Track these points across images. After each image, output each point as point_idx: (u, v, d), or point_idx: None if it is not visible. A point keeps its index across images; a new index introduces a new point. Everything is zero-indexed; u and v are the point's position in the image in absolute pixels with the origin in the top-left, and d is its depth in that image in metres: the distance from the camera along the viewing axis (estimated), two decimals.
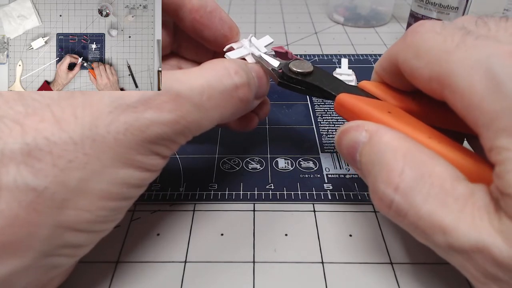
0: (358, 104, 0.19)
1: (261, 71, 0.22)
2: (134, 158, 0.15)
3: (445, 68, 0.15)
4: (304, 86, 0.22)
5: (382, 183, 0.15)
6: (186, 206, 0.24)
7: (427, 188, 0.14)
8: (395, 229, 0.22)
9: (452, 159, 0.16)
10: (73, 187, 0.14)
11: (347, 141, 0.18)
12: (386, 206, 0.15)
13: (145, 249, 0.21)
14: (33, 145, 0.13)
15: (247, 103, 0.20)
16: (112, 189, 0.15)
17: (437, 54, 0.15)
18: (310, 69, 0.22)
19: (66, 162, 0.14)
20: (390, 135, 0.16)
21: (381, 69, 0.21)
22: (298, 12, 0.55)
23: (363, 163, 0.17)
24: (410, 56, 0.17)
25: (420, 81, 0.17)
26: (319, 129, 0.30)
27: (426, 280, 0.19)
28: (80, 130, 0.14)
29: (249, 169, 0.26)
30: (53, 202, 0.14)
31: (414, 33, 0.17)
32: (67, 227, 0.14)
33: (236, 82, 0.18)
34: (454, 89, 0.14)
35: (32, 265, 0.14)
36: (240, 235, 0.22)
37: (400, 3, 0.57)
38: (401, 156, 0.15)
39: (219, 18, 0.23)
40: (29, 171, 0.13)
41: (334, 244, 0.21)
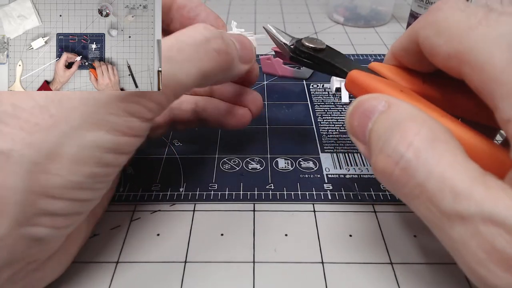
0: (370, 81, 0.19)
1: (241, 37, 0.21)
2: (105, 119, 0.15)
3: (466, 44, 0.15)
4: (316, 61, 0.22)
5: (395, 140, 0.15)
6: (186, 206, 0.24)
7: (442, 150, 0.14)
8: (395, 229, 0.22)
9: (464, 140, 0.15)
10: (41, 150, 0.14)
11: (363, 110, 0.17)
12: (393, 163, 0.15)
13: (145, 249, 0.21)
14: (1, 111, 0.14)
15: (227, 56, 0.19)
16: (83, 153, 0.15)
17: (458, 31, 0.15)
18: (323, 46, 0.22)
19: (32, 125, 0.14)
20: (409, 105, 0.16)
21: (400, 48, 0.20)
22: (298, 12, 0.55)
23: (374, 130, 0.16)
24: (431, 33, 0.17)
25: (439, 59, 0.16)
26: (319, 129, 0.30)
27: (426, 280, 0.19)
28: (45, 94, 0.14)
29: (249, 169, 0.26)
30: (22, 165, 0.14)
31: (436, 10, 0.17)
32: (40, 193, 0.14)
33: (205, 35, 0.18)
34: (473, 64, 0.14)
35: (9, 234, 0.14)
36: (240, 235, 0.22)
37: (400, 3, 0.57)
38: (419, 120, 0.15)
39: (205, 12, 0.23)
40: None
41: (334, 244, 0.21)
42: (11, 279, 0.15)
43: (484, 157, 0.15)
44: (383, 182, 0.16)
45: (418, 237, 0.21)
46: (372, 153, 0.16)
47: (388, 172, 0.15)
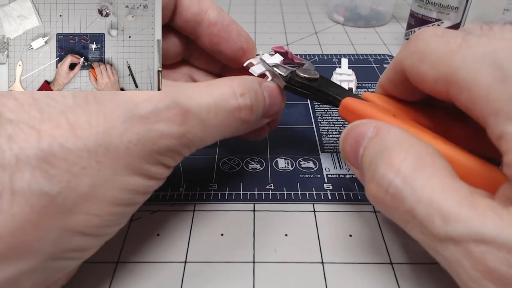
0: (363, 107, 0.20)
1: (275, 89, 0.22)
2: (142, 167, 0.16)
3: (450, 66, 0.15)
4: (310, 90, 0.23)
5: (383, 167, 0.15)
6: (186, 206, 0.24)
7: (428, 175, 0.14)
8: (395, 229, 0.22)
9: (455, 160, 0.16)
10: (85, 193, 0.14)
11: (353, 135, 0.18)
12: (383, 190, 0.15)
13: (145, 249, 0.21)
14: (48, 151, 0.13)
15: (248, 124, 0.20)
16: (120, 196, 0.15)
17: (441, 55, 0.16)
18: (316, 76, 0.23)
19: (79, 168, 0.14)
20: (397, 130, 0.16)
21: (386, 80, 0.21)
22: (298, 12, 0.55)
23: (365, 155, 0.17)
24: (415, 61, 0.17)
25: (426, 84, 0.17)
26: (319, 129, 0.30)
27: (426, 280, 0.19)
28: (94, 138, 0.14)
29: (249, 169, 0.26)
30: (64, 206, 0.14)
31: (417, 40, 0.17)
32: (76, 231, 0.15)
33: (240, 103, 0.19)
34: (460, 84, 0.15)
35: (40, 267, 0.14)
36: (240, 235, 0.22)
37: (400, 3, 0.57)
38: (406, 145, 0.15)
39: (236, 31, 0.23)
40: (43, 177, 0.13)
41: (334, 244, 0.21)
42: None
43: (475, 175, 0.15)
44: (376, 207, 0.16)
45: None
46: (365, 179, 0.17)
47: (380, 198, 0.15)
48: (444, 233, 0.13)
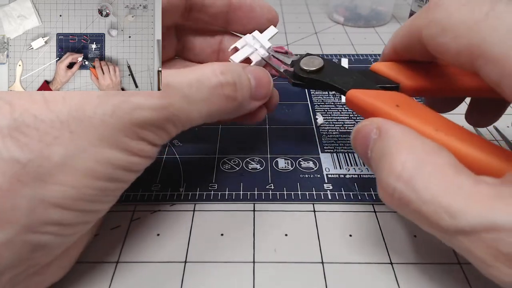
0: (366, 100, 0.20)
1: (260, 72, 0.22)
2: (120, 140, 0.16)
3: (476, 39, 0.14)
4: (317, 83, 0.23)
5: (385, 173, 0.16)
6: (186, 206, 0.24)
7: (429, 174, 0.14)
8: (395, 229, 0.22)
9: (458, 150, 0.16)
10: (58, 162, 0.14)
11: (361, 137, 0.18)
12: (389, 195, 0.16)
13: (145, 249, 0.21)
14: (20, 121, 0.14)
15: (235, 102, 0.20)
16: (97, 168, 0.15)
17: (465, 26, 0.15)
18: (321, 65, 0.23)
19: (52, 138, 0.14)
20: (396, 130, 0.16)
21: (402, 46, 0.20)
22: (298, 12, 0.55)
23: (372, 158, 0.17)
24: (435, 32, 0.16)
25: (448, 56, 0.16)
26: (319, 129, 0.30)
27: (426, 280, 0.19)
28: (67, 110, 0.15)
29: (249, 169, 0.26)
30: (37, 175, 0.14)
31: (437, 7, 0.16)
32: (52, 203, 0.15)
33: (221, 80, 0.19)
34: (487, 57, 0.14)
35: (15, 239, 0.14)
36: (240, 235, 0.22)
37: (400, 3, 0.57)
38: (405, 148, 0.16)
39: (258, 5, 0.24)
40: (15, 144, 0.14)
41: (334, 244, 0.21)
42: (11, 281, 0.15)
43: (479, 162, 0.15)
44: (388, 206, 0.16)
45: (418, 237, 0.21)
46: (376, 180, 0.17)
47: (388, 201, 0.16)
48: (453, 227, 0.14)
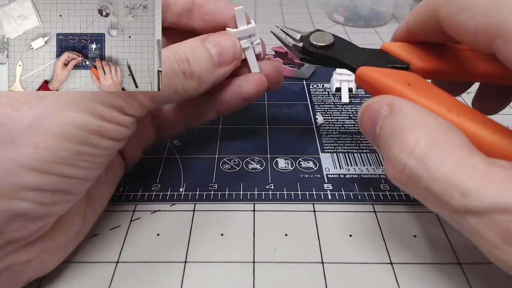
0: (377, 77, 0.19)
1: (221, 37, 0.22)
2: (91, 105, 0.16)
3: (496, 18, 0.14)
4: (326, 60, 0.22)
5: (397, 149, 0.15)
6: (186, 206, 0.24)
7: (442, 153, 0.14)
8: (395, 229, 0.22)
9: (470, 132, 0.15)
10: (28, 124, 0.15)
11: (369, 115, 0.18)
12: (398, 171, 0.15)
13: (145, 249, 0.21)
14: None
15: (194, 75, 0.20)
16: (68, 130, 0.16)
17: (485, 5, 0.15)
18: (331, 41, 0.22)
19: (21, 103, 0.15)
20: (409, 106, 0.16)
21: (417, 24, 0.20)
22: (298, 12, 0.55)
23: (381, 135, 0.17)
24: (454, 10, 0.16)
25: (465, 36, 0.16)
26: (319, 129, 0.30)
27: (426, 280, 0.19)
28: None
29: (249, 169, 0.26)
30: (8, 137, 0.15)
31: None
32: (25, 165, 0.15)
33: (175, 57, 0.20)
34: (507, 37, 0.14)
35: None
36: (240, 235, 0.22)
37: (400, 3, 0.57)
38: (418, 124, 0.15)
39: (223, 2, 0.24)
40: None
41: (334, 244, 0.21)
42: None
43: (492, 144, 0.15)
44: (395, 184, 0.16)
45: (418, 237, 0.21)
46: (384, 157, 0.17)
47: (397, 178, 0.16)
48: (464, 207, 0.14)
